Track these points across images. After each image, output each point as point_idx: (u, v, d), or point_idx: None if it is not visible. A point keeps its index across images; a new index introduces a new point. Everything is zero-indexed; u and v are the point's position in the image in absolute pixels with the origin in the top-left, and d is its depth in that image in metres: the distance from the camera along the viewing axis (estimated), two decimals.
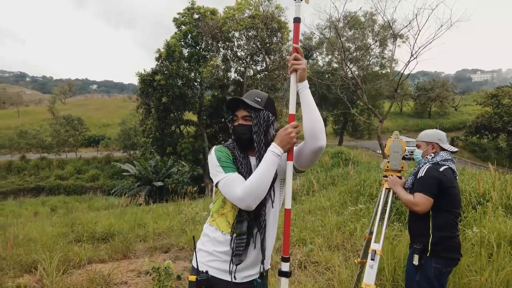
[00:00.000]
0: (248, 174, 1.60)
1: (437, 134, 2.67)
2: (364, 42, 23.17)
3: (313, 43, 29.89)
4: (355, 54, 21.09)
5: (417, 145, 2.76)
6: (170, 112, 20.66)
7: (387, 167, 2.86)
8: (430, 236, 2.45)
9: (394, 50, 25.80)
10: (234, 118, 1.73)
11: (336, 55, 21.28)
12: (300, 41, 1.70)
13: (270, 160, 1.56)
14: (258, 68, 21.03)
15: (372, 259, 2.55)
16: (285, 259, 1.64)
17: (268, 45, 19.08)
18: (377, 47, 23.40)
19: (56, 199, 26.18)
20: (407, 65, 13.21)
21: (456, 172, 2.58)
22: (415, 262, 2.46)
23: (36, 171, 34.19)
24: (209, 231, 1.71)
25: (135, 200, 12.56)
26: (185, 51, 20.72)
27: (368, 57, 20.85)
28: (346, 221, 5.47)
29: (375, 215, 2.91)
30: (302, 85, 1.63)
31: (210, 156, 1.68)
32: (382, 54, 26.93)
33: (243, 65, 20.34)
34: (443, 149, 2.65)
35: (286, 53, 19.26)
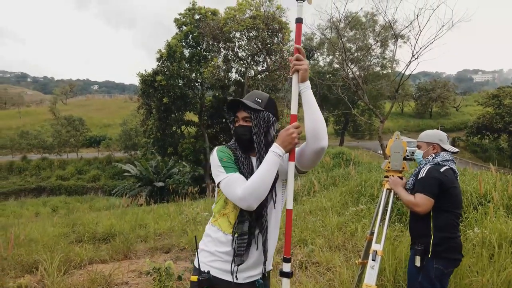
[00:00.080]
0: (249, 175, 1.61)
1: (437, 135, 2.67)
2: (365, 42, 23.18)
3: (314, 43, 29.88)
4: (356, 54, 21.10)
5: (417, 145, 2.76)
6: (171, 113, 20.67)
7: (388, 167, 2.86)
8: (431, 237, 2.45)
9: (395, 51, 25.86)
10: (235, 119, 1.74)
11: (337, 56, 21.26)
12: (301, 41, 1.70)
13: (272, 160, 1.56)
14: (259, 68, 21.04)
15: (373, 260, 2.55)
16: (286, 260, 1.64)
17: (269, 45, 19.09)
18: (378, 48, 23.44)
19: (57, 200, 26.22)
20: (408, 65, 13.23)
21: (457, 172, 2.58)
22: (417, 263, 2.46)
23: (37, 172, 34.22)
24: (211, 231, 1.72)
25: (136, 200, 12.55)
26: (186, 52, 20.74)
27: (369, 57, 20.86)
28: (347, 221, 5.47)
29: (376, 216, 2.91)
30: (304, 85, 1.62)
31: (212, 156, 1.69)
32: (383, 55, 26.92)
33: (244, 65, 20.36)
34: (444, 150, 2.64)
35: (287, 53, 19.27)
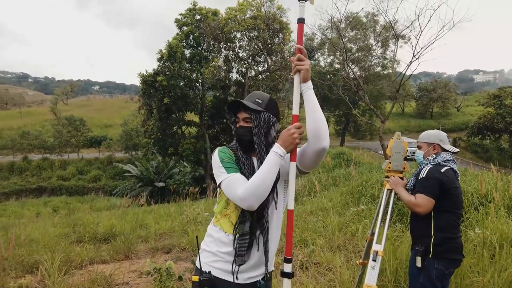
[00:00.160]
0: (250, 175, 1.60)
1: (438, 135, 2.67)
2: (366, 42, 23.19)
3: (314, 43, 29.87)
4: (357, 54, 21.12)
5: (418, 146, 2.75)
6: (172, 113, 20.69)
7: (389, 168, 2.86)
8: (432, 237, 2.44)
9: (396, 51, 25.81)
10: (236, 120, 1.74)
11: (338, 56, 21.22)
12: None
13: (273, 160, 1.56)
14: (260, 69, 21.05)
15: (374, 260, 2.55)
16: (287, 260, 1.64)
17: (269, 45, 19.10)
18: (379, 48, 23.38)
19: (58, 200, 26.25)
20: (409, 65, 13.22)
21: (457, 172, 2.58)
22: (418, 264, 2.46)
23: (38, 172, 34.23)
24: (213, 232, 1.72)
25: (136, 200, 12.56)
26: (187, 52, 20.77)
27: (370, 57, 20.81)
28: (347, 222, 5.47)
29: (376, 216, 2.91)
30: (306, 85, 1.62)
31: (213, 157, 1.69)
32: (384, 55, 26.91)
33: (244, 66, 20.36)
34: (445, 150, 2.64)
35: (288, 53, 19.27)
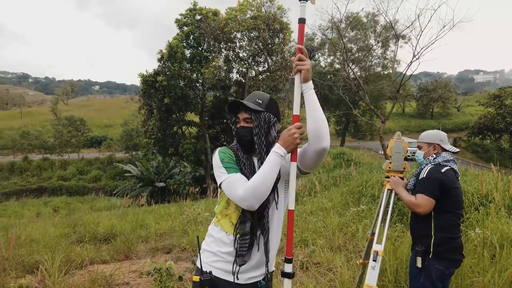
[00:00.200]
0: (251, 175, 1.60)
1: (438, 135, 2.67)
2: (366, 43, 23.20)
3: (315, 43, 29.87)
4: (357, 55, 21.13)
5: (418, 146, 2.75)
6: (172, 113, 20.69)
7: (389, 168, 2.85)
8: (432, 237, 2.44)
9: (396, 51, 25.77)
10: (236, 120, 1.74)
11: (338, 56, 21.23)
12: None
13: (273, 160, 1.56)
14: (260, 69, 21.07)
15: (374, 260, 2.55)
16: (288, 260, 1.63)
17: (270, 46, 19.11)
18: (379, 48, 23.39)
19: (58, 200, 26.27)
20: (409, 65, 13.26)
21: (458, 173, 2.58)
22: (418, 264, 2.46)
23: (38, 172, 34.23)
24: (214, 232, 1.72)
25: (137, 200, 12.58)
26: (187, 52, 20.77)
27: (370, 58, 20.82)
28: (348, 222, 5.47)
29: (377, 216, 2.90)
30: (307, 85, 1.62)
31: (214, 157, 1.69)
32: (384, 55, 26.90)
33: (245, 66, 20.37)
34: (445, 150, 2.64)
35: (288, 54, 19.27)
